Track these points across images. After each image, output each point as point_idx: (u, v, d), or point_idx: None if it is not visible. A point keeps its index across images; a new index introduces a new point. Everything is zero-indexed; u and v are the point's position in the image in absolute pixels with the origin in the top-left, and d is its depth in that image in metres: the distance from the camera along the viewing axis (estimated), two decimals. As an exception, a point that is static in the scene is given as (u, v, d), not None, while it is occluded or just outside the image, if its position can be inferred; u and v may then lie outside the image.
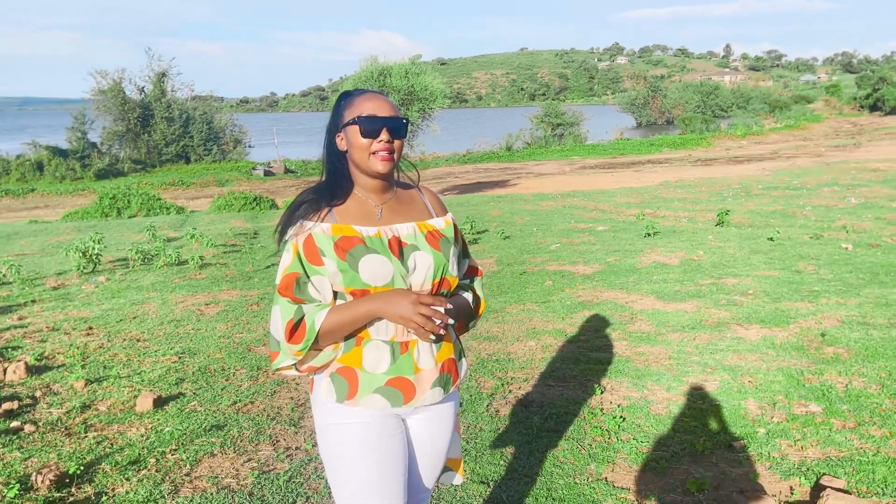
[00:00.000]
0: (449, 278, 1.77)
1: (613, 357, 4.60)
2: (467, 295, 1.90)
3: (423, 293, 1.69)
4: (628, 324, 5.32)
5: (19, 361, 4.57)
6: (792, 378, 4.09)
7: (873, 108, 54.62)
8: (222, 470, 3.22)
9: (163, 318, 5.91)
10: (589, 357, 4.62)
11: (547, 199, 14.41)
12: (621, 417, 3.64)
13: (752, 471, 3.08)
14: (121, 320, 5.89)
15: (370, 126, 1.70)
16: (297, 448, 3.43)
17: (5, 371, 4.46)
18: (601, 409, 3.78)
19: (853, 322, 5.07)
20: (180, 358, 4.84)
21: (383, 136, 1.70)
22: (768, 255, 7.55)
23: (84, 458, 3.31)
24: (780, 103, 52.58)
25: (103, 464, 3.25)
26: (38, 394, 4.16)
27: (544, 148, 33.85)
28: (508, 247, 8.89)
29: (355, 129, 1.71)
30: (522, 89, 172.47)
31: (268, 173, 29.00)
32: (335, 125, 1.78)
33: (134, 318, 5.94)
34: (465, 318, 1.91)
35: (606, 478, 3.08)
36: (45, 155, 30.33)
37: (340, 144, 1.78)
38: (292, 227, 1.72)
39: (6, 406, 3.91)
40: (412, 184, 1.89)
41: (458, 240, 1.89)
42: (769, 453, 3.23)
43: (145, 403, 3.92)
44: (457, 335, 1.89)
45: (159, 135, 33.70)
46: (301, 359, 1.72)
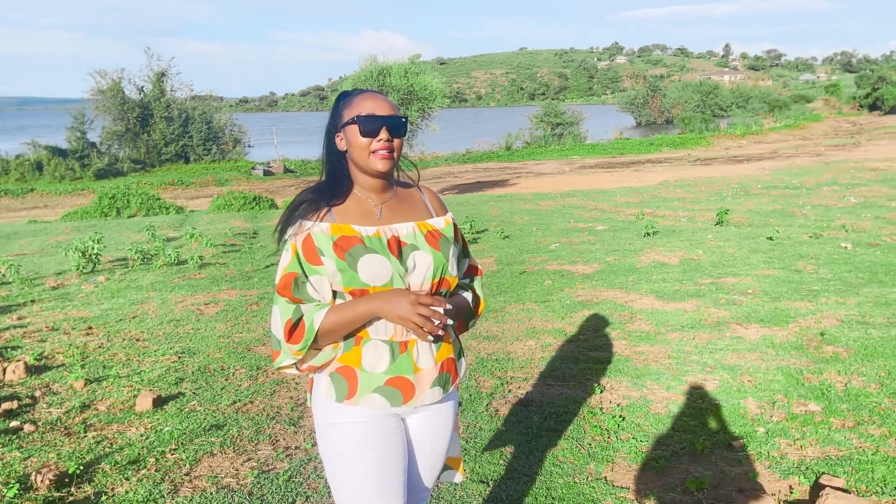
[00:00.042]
0: (448, 278, 1.77)
1: (613, 356, 4.60)
2: (467, 294, 1.90)
3: (423, 293, 1.69)
4: (628, 323, 5.32)
5: (19, 361, 4.57)
6: (791, 377, 4.10)
7: (872, 108, 54.66)
8: (222, 469, 3.22)
9: (162, 318, 5.91)
10: (588, 356, 4.62)
11: (546, 199, 14.41)
12: (621, 417, 3.65)
13: (752, 470, 3.09)
14: (120, 320, 5.89)
15: (369, 125, 1.69)
16: (297, 447, 3.44)
17: (5, 371, 4.46)
18: (601, 409, 3.78)
19: (852, 321, 5.07)
20: (180, 358, 4.84)
21: (383, 135, 1.70)
22: (768, 255, 7.55)
23: (83, 458, 3.31)
24: (780, 103, 52.56)
25: (103, 463, 3.25)
26: (38, 393, 4.17)
27: (544, 147, 33.84)
28: (508, 246, 8.89)
29: (354, 129, 1.71)
30: (522, 89, 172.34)
31: (267, 173, 28.98)
32: (334, 125, 1.78)
33: (133, 318, 5.94)
34: (465, 318, 1.91)
35: (606, 477, 3.09)
36: (45, 155, 30.29)
37: (340, 144, 1.77)
38: (292, 227, 1.72)
39: (6, 406, 3.91)
40: (412, 183, 1.89)
41: (458, 239, 1.89)
42: (768, 452, 3.23)
43: (145, 403, 3.92)
44: (456, 335, 1.89)
45: (158, 134, 33.66)
46: (301, 358, 1.72)
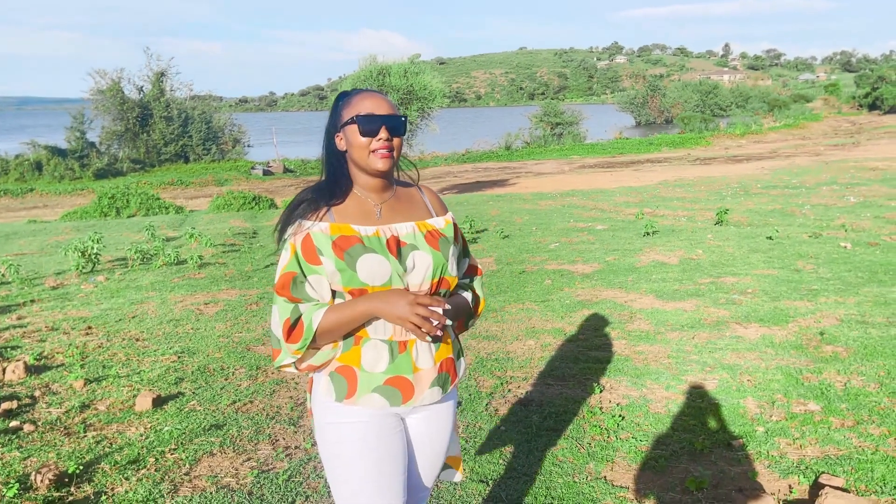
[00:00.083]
0: (448, 278, 1.77)
1: (612, 356, 4.60)
2: (467, 294, 1.90)
3: (422, 293, 1.69)
4: (627, 323, 5.32)
5: (18, 361, 4.57)
6: (791, 377, 4.10)
7: (872, 107, 54.68)
8: (221, 469, 3.22)
9: (162, 318, 5.91)
10: (588, 356, 4.62)
11: (546, 199, 14.41)
12: (620, 416, 3.65)
13: (751, 469, 3.09)
14: (120, 320, 5.89)
15: (368, 125, 1.70)
16: (297, 447, 3.44)
17: (4, 371, 4.46)
18: (600, 408, 3.78)
19: (852, 321, 5.07)
20: (179, 357, 4.84)
21: (382, 135, 1.70)
22: (767, 254, 7.55)
23: (83, 458, 3.31)
24: (779, 102, 52.56)
25: (102, 463, 3.25)
26: (38, 393, 4.17)
27: (543, 147, 33.82)
28: (507, 246, 8.89)
29: (354, 129, 1.71)
30: (521, 88, 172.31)
31: (267, 173, 28.96)
32: (334, 125, 1.78)
33: (133, 318, 5.94)
34: (465, 318, 1.91)
35: (605, 476, 3.09)
36: (44, 155, 30.26)
37: (340, 144, 1.77)
38: (291, 227, 1.72)
39: (5, 406, 3.91)
40: (412, 182, 1.89)
41: (458, 239, 1.89)
42: (768, 452, 3.23)
43: (144, 403, 3.92)
44: (456, 335, 1.89)
45: (158, 134, 33.63)
46: (300, 357, 1.72)
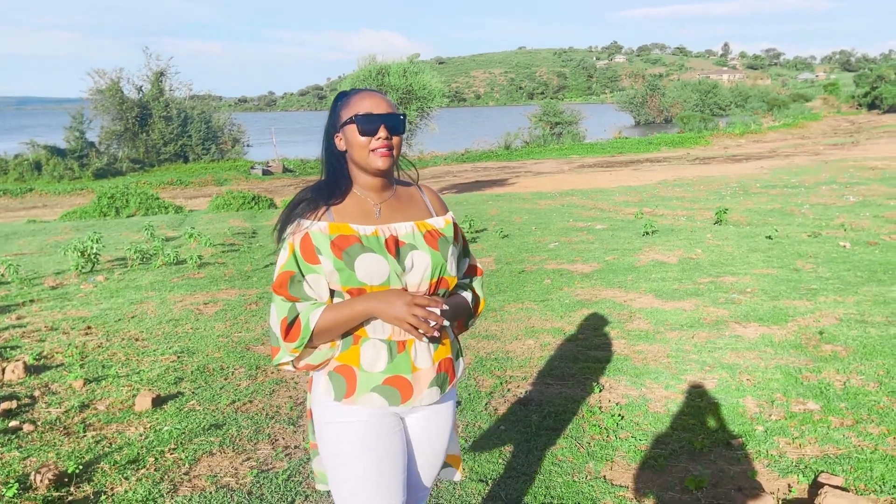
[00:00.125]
0: (447, 278, 1.77)
1: (612, 355, 4.60)
2: (466, 294, 1.90)
3: (420, 293, 1.69)
4: (627, 322, 5.32)
5: (18, 361, 4.57)
6: (790, 376, 4.10)
7: (871, 107, 54.72)
8: (221, 469, 3.22)
9: (161, 318, 5.91)
10: (587, 355, 4.62)
11: (545, 198, 14.42)
12: (620, 416, 3.65)
13: (751, 468, 3.09)
14: (119, 320, 5.89)
15: (368, 124, 1.70)
16: (296, 447, 3.44)
17: (4, 371, 4.46)
18: (600, 408, 3.79)
19: (851, 320, 5.08)
20: (179, 357, 4.84)
21: (381, 134, 1.70)
22: (766, 254, 7.55)
23: (83, 458, 3.31)
24: (779, 102, 52.61)
25: (102, 463, 3.25)
26: (37, 393, 4.16)
27: (543, 147, 33.81)
28: (507, 245, 8.90)
29: (353, 128, 1.71)
30: (521, 88, 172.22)
31: (266, 172, 28.95)
32: (333, 125, 1.78)
33: (132, 318, 5.94)
34: (464, 318, 1.91)
35: (605, 476, 3.09)
36: (44, 154, 30.23)
37: (339, 144, 1.77)
38: (290, 226, 1.72)
39: (5, 405, 3.91)
40: (412, 182, 1.89)
41: (458, 239, 1.88)
42: (767, 451, 3.23)
43: (144, 403, 3.92)
44: (455, 335, 1.89)
45: (157, 134, 33.61)
46: (298, 356, 1.72)
